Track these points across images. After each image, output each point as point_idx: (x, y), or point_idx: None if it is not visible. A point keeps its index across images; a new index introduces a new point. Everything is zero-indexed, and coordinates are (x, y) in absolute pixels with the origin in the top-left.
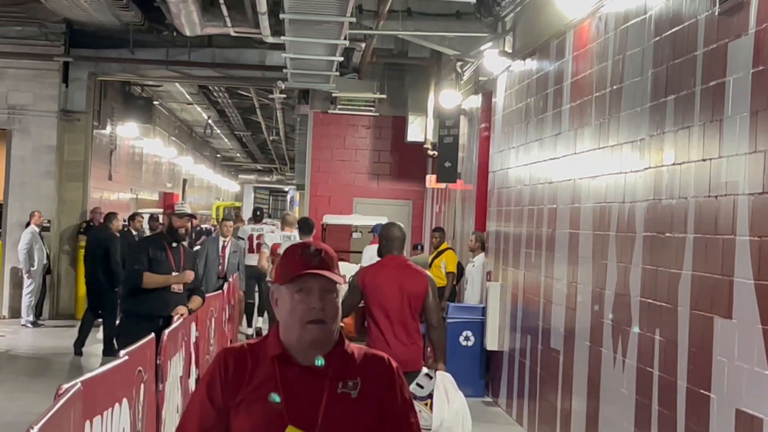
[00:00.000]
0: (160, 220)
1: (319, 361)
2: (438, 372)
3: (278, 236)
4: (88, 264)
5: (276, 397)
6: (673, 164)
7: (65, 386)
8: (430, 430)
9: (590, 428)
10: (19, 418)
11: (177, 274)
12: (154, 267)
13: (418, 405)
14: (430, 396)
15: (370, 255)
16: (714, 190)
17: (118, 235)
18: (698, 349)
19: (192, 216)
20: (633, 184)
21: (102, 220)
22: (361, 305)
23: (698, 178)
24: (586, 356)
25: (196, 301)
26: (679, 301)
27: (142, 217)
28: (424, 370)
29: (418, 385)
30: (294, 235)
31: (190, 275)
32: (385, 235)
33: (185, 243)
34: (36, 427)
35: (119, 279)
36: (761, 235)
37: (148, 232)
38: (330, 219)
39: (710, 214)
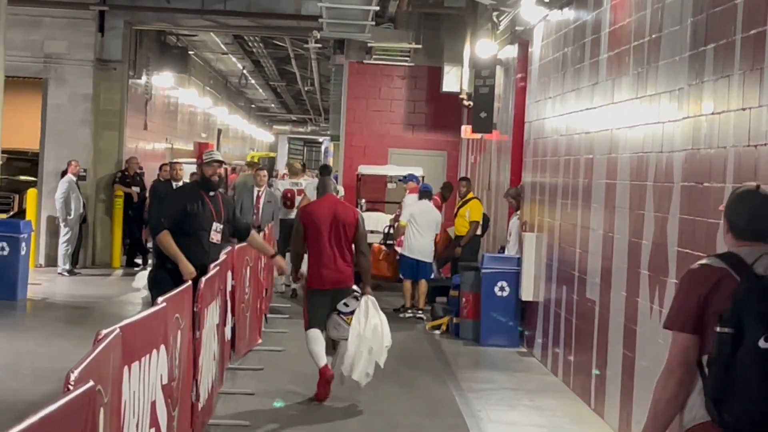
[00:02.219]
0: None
1: None
2: (364, 295)
3: (288, 183)
4: None
5: None
6: (712, 113)
7: (104, 331)
8: (346, 339)
9: (626, 379)
10: (55, 364)
11: (188, 265)
12: (191, 220)
13: (339, 319)
14: (352, 313)
15: (409, 203)
16: (753, 139)
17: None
18: None
19: (221, 162)
20: (671, 133)
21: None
22: None
23: (737, 128)
24: (622, 306)
25: (259, 238)
26: (717, 251)
27: (169, 166)
28: (354, 293)
29: (345, 304)
30: (300, 183)
31: (191, 273)
32: (321, 182)
33: (222, 190)
34: (76, 371)
35: None
36: None
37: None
38: (365, 169)
39: (749, 164)
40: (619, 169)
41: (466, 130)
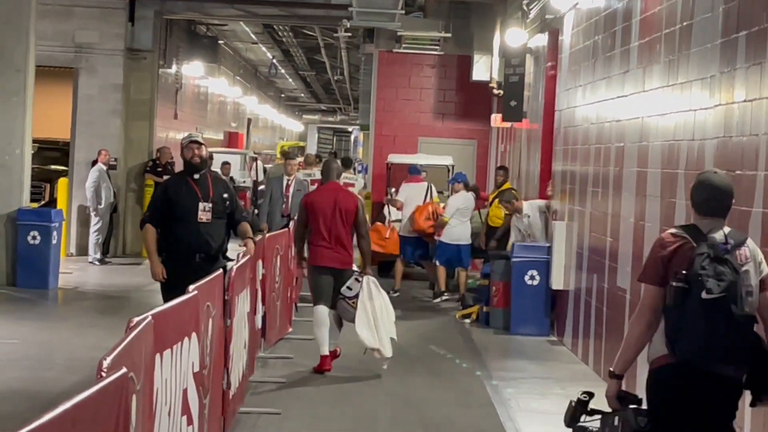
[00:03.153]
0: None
1: None
2: (365, 276)
3: (301, 174)
4: None
5: None
6: (744, 101)
7: (136, 319)
8: (353, 321)
9: None
10: (87, 353)
11: (157, 266)
12: (177, 206)
13: (346, 304)
14: (357, 296)
15: (406, 193)
16: None
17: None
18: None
19: (199, 143)
20: (703, 121)
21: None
22: None
23: None
24: None
25: (247, 227)
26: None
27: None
28: (355, 274)
29: (348, 287)
30: (314, 173)
31: (156, 275)
32: (326, 168)
33: (215, 170)
34: (109, 359)
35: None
36: None
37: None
38: (395, 158)
39: None
40: (650, 157)
41: (496, 119)
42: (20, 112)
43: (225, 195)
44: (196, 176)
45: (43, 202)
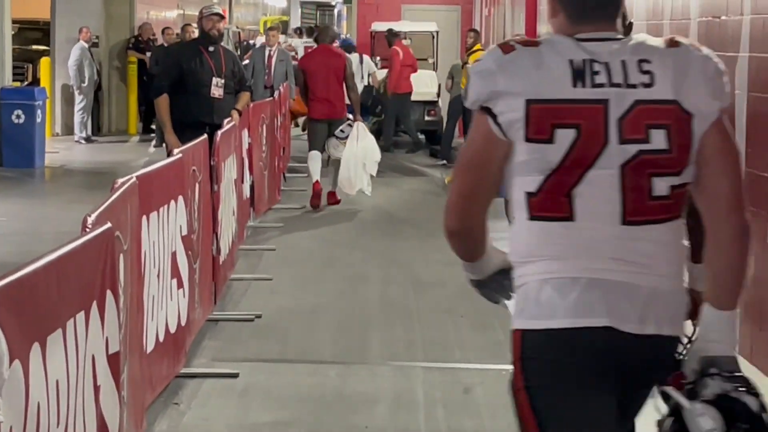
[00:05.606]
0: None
1: None
2: (355, 122)
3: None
4: None
5: None
6: None
7: (121, 180)
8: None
9: None
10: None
11: (173, 136)
12: (190, 77)
13: (338, 141)
14: (347, 137)
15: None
16: None
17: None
18: (756, 130)
19: (221, 15)
20: None
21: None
22: None
23: None
24: None
25: (243, 98)
26: (737, 84)
27: (193, 28)
28: (347, 121)
29: (341, 130)
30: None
31: (173, 146)
32: (323, 31)
33: (225, 45)
34: (93, 215)
35: None
36: None
37: None
38: (378, 26)
39: None
40: (634, 10)
41: None
42: None
43: (235, 70)
44: (211, 48)
45: (26, 83)
